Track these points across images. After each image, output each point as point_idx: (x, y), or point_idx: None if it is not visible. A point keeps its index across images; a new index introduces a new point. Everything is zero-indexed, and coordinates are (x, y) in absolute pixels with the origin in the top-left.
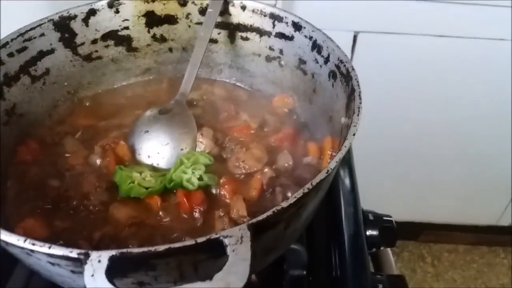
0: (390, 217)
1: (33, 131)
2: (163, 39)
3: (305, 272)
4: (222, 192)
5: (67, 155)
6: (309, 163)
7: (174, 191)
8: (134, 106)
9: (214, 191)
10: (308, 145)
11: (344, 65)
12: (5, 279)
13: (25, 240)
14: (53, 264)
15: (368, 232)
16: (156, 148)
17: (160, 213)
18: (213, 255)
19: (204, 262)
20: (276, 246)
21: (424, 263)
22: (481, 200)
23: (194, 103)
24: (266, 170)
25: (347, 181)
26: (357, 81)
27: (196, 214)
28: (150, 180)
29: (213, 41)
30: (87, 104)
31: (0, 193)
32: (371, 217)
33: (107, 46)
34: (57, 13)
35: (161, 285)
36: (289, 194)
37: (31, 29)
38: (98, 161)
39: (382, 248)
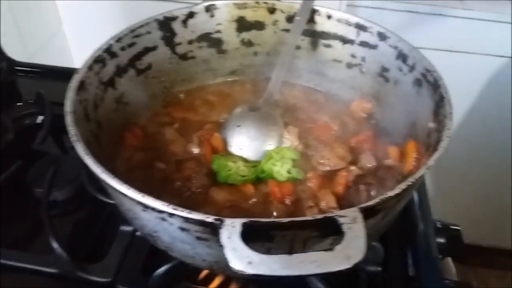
0: (458, 226)
1: (135, 119)
2: (250, 44)
3: (380, 269)
4: (309, 185)
5: (167, 142)
6: (390, 165)
7: (264, 181)
8: (222, 103)
9: (301, 184)
10: (388, 149)
11: (432, 74)
12: (103, 255)
13: (168, 205)
14: (183, 229)
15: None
16: (247, 142)
17: (254, 199)
18: (323, 233)
19: (313, 239)
20: (371, 235)
21: None
22: None
23: (276, 103)
24: (352, 168)
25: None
26: (446, 89)
27: (287, 202)
28: (244, 169)
29: (296, 47)
30: (181, 99)
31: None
32: (439, 225)
33: (200, 47)
34: (161, 14)
35: None
36: (373, 193)
37: (140, 26)
38: (196, 150)
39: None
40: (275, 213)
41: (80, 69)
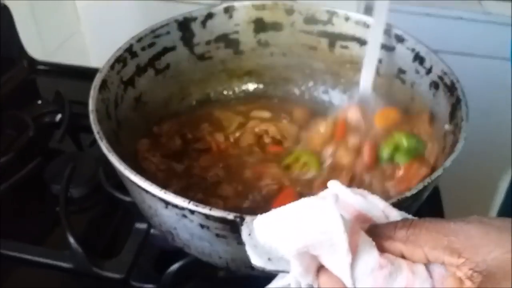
0: None
1: (152, 118)
2: (266, 44)
3: None
4: None
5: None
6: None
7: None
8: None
9: None
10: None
11: (449, 77)
12: (117, 251)
13: (189, 202)
14: (203, 226)
15: None
16: None
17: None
18: None
19: None
20: None
21: None
22: None
23: None
24: None
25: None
26: (463, 91)
27: None
28: None
29: (312, 48)
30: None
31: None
32: None
33: (218, 48)
34: (181, 14)
35: None
36: None
37: (160, 27)
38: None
39: None
40: None
41: (103, 68)
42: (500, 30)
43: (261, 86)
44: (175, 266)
